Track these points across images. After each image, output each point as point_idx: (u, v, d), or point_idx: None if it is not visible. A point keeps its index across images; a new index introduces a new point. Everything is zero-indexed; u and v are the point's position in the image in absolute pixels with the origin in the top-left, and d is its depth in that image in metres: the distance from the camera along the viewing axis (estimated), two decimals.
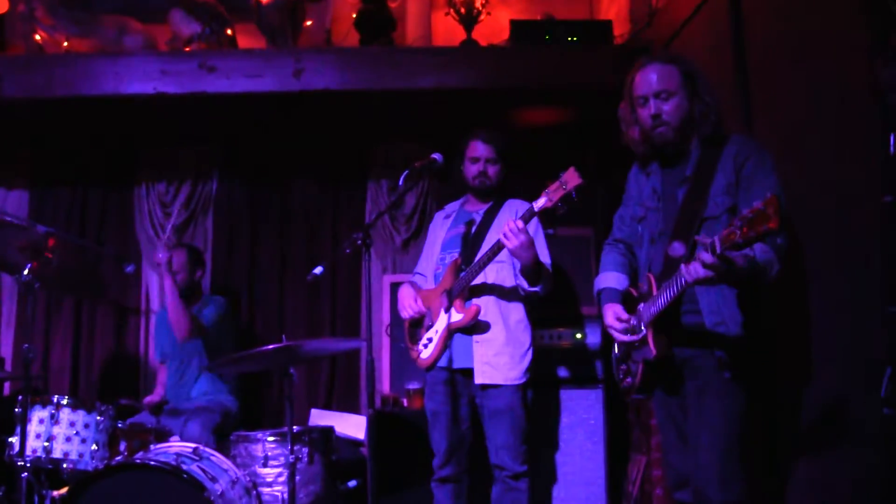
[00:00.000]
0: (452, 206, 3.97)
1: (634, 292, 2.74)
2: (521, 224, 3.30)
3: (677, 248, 2.56)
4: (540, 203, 3.24)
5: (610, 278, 2.92)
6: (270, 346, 3.25)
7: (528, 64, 4.34)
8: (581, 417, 4.09)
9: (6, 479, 3.73)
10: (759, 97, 3.18)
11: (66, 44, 4.84)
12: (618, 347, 2.83)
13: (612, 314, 2.75)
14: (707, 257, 2.24)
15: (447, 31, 5.01)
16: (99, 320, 5.17)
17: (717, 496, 2.49)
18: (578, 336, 4.13)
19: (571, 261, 4.24)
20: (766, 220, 2.01)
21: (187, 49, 4.60)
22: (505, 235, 3.30)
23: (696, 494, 2.57)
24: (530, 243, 3.36)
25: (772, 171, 2.55)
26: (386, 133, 5.02)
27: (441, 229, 3.91)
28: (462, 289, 3.58)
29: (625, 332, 2.69)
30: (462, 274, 3.59)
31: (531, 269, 3.46)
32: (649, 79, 2.67)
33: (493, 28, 4.87)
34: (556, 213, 3.25)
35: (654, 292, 2.57)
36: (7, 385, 4.77)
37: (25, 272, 3.53)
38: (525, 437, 3.61)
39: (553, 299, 4.08)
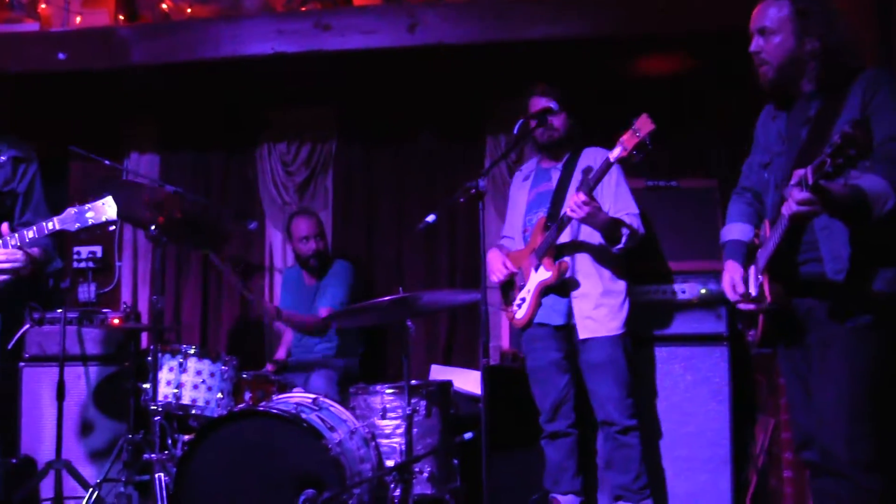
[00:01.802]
0: (529, 166, 3.97)
1: (757, 241, 2.61)
2: (583, 197, 3.32)
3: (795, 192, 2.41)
4: (615, 153, 3.23)
5: (735, 229, 2.79)
6: (387, 298, 3.29)
7: (648, 9, 4.16)
8: (705, 376, 3.94)
9: (144, 424, 3.94)
10: None
11: (189, 10, 4.98)
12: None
13: (729, 281, 2.63)
14: (797, 191, 2.10)
15: None
16: (225, 279, 5.35)
17: (844, 455, 2.35)
18: (703, 291, 3.97)
19: (695, 214, 4.07)
20: (853, 143, 1.88)
21: (303, 8, 4.64)
22: (571, 209, 3.35)
23: (823, 454, 2.44)
24: (597, 210, 3.37)
25: None
26: (504, 86, 4.92)
27: (522, 190, 3.92)
28: (548, 247, 3.58)
29: (739, 301, 2.57)
30: (547, 233, 3.57)
31: (608, 232, 3.48)
32: (756, 14, 2.55)
33: None
34: (631, 161, 3.22)
35: (768, 236, 2.44)
36: (144, 338, 5.03)
37: (153, 227, 3.70)
38: (630, 389, 3.59)
39: (676, 253, 3.97)
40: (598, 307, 3.57)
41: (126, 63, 4.51)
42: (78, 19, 4.81)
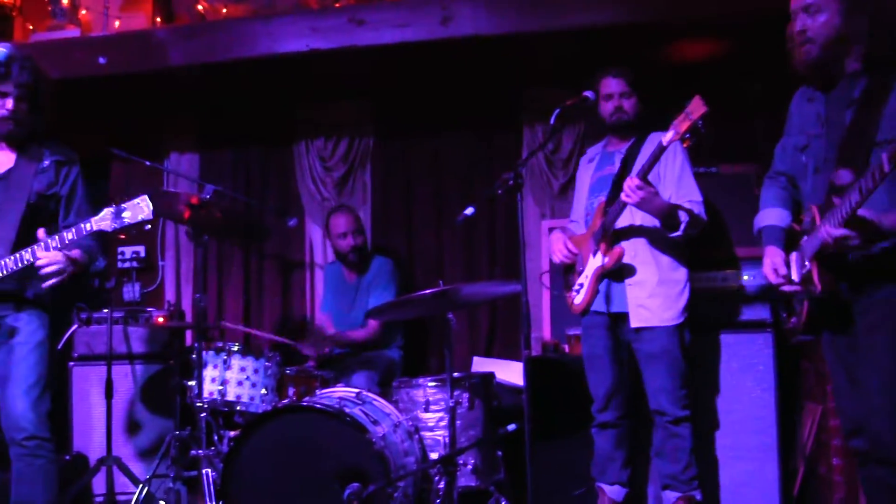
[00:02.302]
0: (595, 149, 3.94)
1: (797, 227, 2.57)
2: (637, 181, 3.28)
3: (843, 176, 2.36)
4: (668, 137, 3.19)
5: (771, 215, 2.74)
6: (428, 291, 3.30)
7: None
8: (749, 363, 3.88)
9: (190, 420, 4.00)
10: None
11: (224, 10, 5.02)
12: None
13: (771, 265, 2.59)
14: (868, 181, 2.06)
15: None
16: (266, 275, 5.41)
17: (893, 442, 2.31)
18: (745, 278, 3.92)
19: (734, 199, 4.02)
20: None
21: (337, 5, 4.66)
22: (625, 194, 3.30)
23: (872, 442, 2.40)
24: (652, 196, 3.32)
25: None
26: (539, 77, 4.91)
27: (586, 173, 3.89)
28: (606, 232, 3.53)
29: (783, 284, 2.53)
30: (605, 217, 3.54)
31: (665, 218, 3.42)
32: None
33: None
34: (684, 144, 3.17)
35: (818, 224, 2.39)
36: (189, 336, 5.10)
37: (194, 226, 3.75)
38: (684, 380, 3.53)
39: (719, 240, 3.93)
40: (653, 296, 3.51)
41: (164, 65, 4.58)
42: (117, 23, 4.89)
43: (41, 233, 3.05)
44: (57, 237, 3.03)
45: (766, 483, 3.80)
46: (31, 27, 5.13)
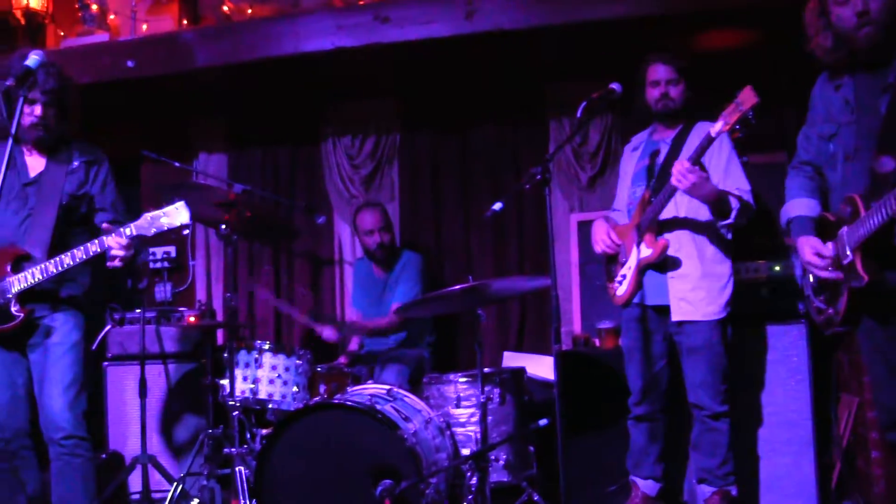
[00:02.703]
0: (640, 137, 3.85)
1: (831, 217, 2.52)
2: (687, 164, 3.21)
3: (887, 163, 2.31)
4: (717, 128, 3.12)
5: (800, 205, 2.70)
6: (457, 287, 3.29)
7: None
8: (783, 354, 3.83)
9: (223, 419, 4.03)
10: None
11: (249, 10, 5.04)
12: (813, 277, 2.61)
13: (811, 249, 2.54)
14: None
15: None
16: (297, 273, 5.44)
17: None
18: (777, 268, 3.87)
19: (765, 188, 3.94)
20: None
21: (361, 2, 4.66)
22: (675, 178, 3.22)
23: None
24: (703, 181, 3.24)
25: None
26: (564, 70, 4.88)
27: (630, 162, 3.82)
28: (650, 223, 3.48)
29: (827, 267, 2.48)
30: (649, 208, 3.49)
31: (714, 204, 3.35)
32: None
33: None
34: (734, 135, 3.12)
35: (862, 213, 2.34)
36: (220, 335, 5.14)
37: (223, 226, 3.78)
38: (725, 375, 3.48)
39: (749, 230, 3.87)
40: (696, 289, 3.46)
41: (191, 66, 4.62)
42: (144, 27, 4.94)
43: (106, 225, 3.12)
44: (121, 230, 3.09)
45: (803, 477, 3.75)
46: (62, 33, 5.20)
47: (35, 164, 3.29)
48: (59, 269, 3.10)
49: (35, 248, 3.17)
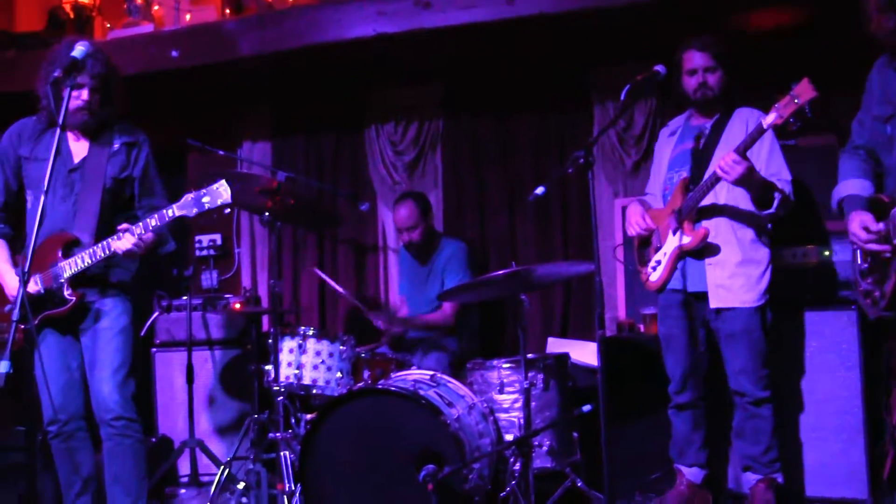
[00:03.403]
0: (677, 122, 3.79)
1: (885, 198, 2.46)
2: (735, 157, 3.17)
3: None
4: (769, 120, 3.06)
5: (853, 185, 2.65)
6: (501, 272, 3.28)
7: None
8: (832, 342, 3.75)
9: (268, 404, 4.08)
10: None
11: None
12: (862, 260, 2.55)
13: (859, 222, 2.49)
14: None
15: None
16: (341, 260, 5.47)
17: None
18: (826, 253, 3.79)
19: (815, 172, 3.88)
20: None
21: None
22: (722, 170, 3.18)
23: None
24: (750, 172, 3.20)
25: None
26: (608, 53, 4.82)
27: (667, 147, 3.76)
28: (690, 210, 3.44)
29: (874, 241, 2.42)
30: (689, 194, 3.45)
31: (758, 195, 3.31)
32: None
33: None
34: (788, 129, 3.05)
35: None
36: (265, 321, 5.20)
37: (267, 214, 3.81)
38: (765, 361, 3.44)
39: (799, 215, 3.80)
40: (734, 276, 3.42)
41: (235, 55, 4.66)
42: (188, 17, 4.99)
43: (124, 225, 3.15)
44: (141, 224, 3.12)
45: (852, 466, 3.68)
46: (108, 25, 5.29)
47: (79, 149, 3.34)
48: (107, 252, 3.15)
49: (83, 232, 3.23)
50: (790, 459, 3.68)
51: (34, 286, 3.22)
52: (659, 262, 3.57)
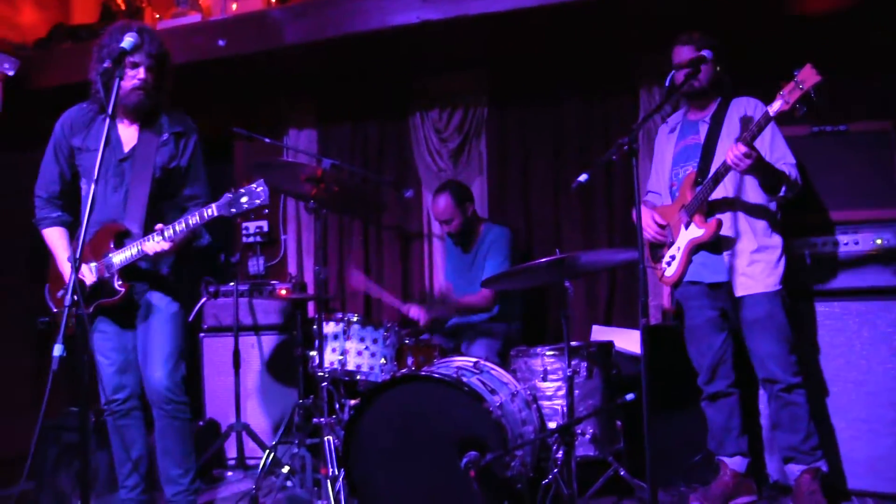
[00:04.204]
0: (675, 118, 3.86)
1: None
2: (744, 149, 3.20)
3: None
4: (775, 107, 3.10)
5: None
6: (544, 259, 3.27)
7: None
8: (885, 332, 3.67)
9: (313, 389, 4.13)
10: None
11: None
12: None
13: None
14: None
15: None
16: (386, 247, 5.50)
17: None
18: (879, 241, 3.70)
19: (868, 158, 3.80)
20: None
21: None
22: (733, 161, 3.23)
23: None
24: (759, 161, 3.24)
25: None
26: (654, 38, 4.75)
27: (668, 143, 3.80)
28: (700, 204, 3.48)
29: None
30: (698, 189, 3.48)
31: (768, 182, 3.36)
32: None
33: None
34: (794, 115, 3.06)
35: None
36: (311, 307, 5.25)
37: (311, 201, 3.84)
38: (792, 346, 3.45)
39: (848, 201, 3.74)
40: (753, 263, 3.45)
41: (280, 44, 4.69)
42: (234, 6, 5.03)
43: (159, 226, 3.21)
44: (172, 228, 3.18)
45: None
46: (157, 16, 5.37)
47: (129, 136, 3.39)
48: (140, 254, 3.23)
49: (133, 223, 3.30)
50: (840, 453, 3.62)
51: (90, 275, 3.30)
52: (673, 258, 3.61)
